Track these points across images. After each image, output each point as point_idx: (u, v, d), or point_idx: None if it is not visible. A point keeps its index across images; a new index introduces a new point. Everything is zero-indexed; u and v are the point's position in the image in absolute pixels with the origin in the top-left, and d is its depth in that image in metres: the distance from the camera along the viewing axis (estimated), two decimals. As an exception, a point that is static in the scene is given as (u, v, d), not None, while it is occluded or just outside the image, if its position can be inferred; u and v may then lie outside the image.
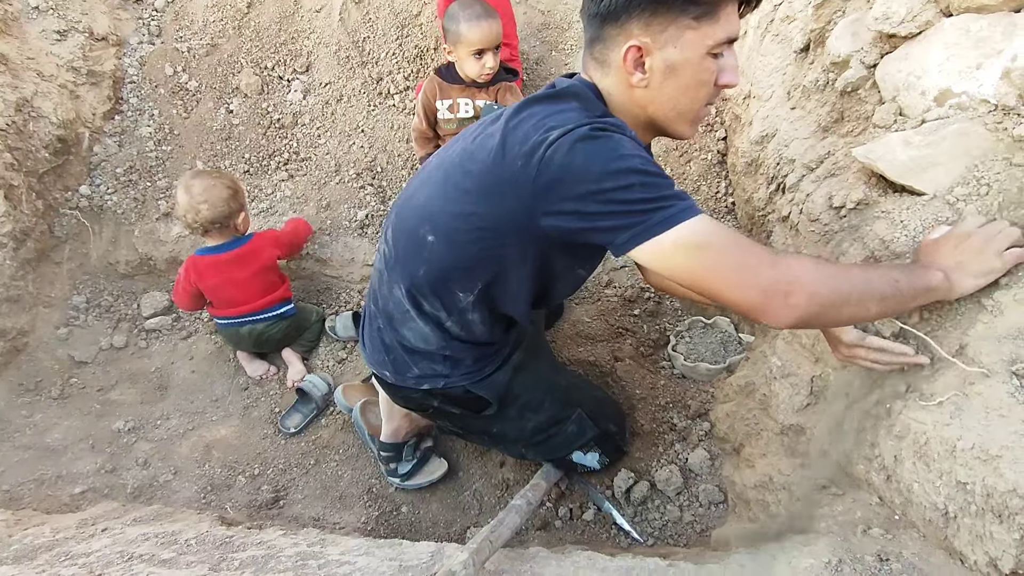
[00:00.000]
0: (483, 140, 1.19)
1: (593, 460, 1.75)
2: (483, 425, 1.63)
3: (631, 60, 1.14)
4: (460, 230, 1.22)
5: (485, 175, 1.15)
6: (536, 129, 1.09)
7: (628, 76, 1.16)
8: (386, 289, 1.41)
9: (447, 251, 1.26)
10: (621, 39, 1.14)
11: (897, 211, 1.27)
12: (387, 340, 1.47)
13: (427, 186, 1.30)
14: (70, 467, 2.01)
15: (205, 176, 2.14)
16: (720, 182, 2.37)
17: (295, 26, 2.78)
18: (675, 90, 1.17)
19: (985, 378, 1.04)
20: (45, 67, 2.46)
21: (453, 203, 1.22)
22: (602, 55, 1.19)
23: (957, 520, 1.01)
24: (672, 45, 1.12)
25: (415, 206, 1.31)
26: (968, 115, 1.27)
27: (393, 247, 1.37)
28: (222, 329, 2.30)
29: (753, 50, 2.07)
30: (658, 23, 1.10)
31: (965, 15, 1.34)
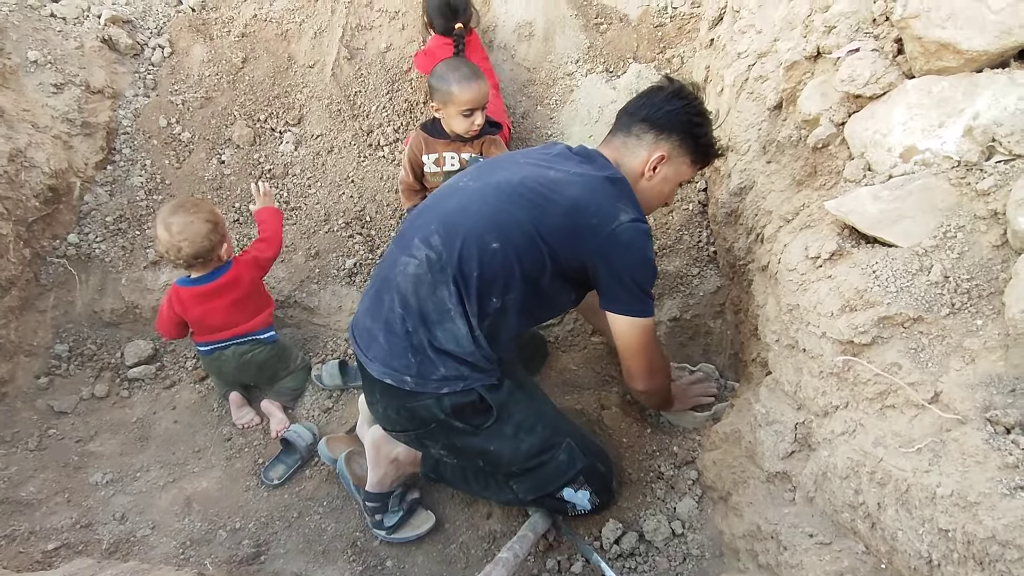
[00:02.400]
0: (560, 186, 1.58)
1: (584, 499, 1.73)
2: (480, 444, 1.65)
3: (656, 161, 1.68)
4: (524, 245, 1.53)
5: (565, 215, 1.54)
6: (614, 204, 1.57)
7: (644, 170, 1.70)
8: (426, 291, 1.55)
9: (505, 259, 1.53)
10: (654, 146, 1.69)
11: (870, 262, 1.31)
12: (416, 342, 1.56)
13: (488, 203, 1.57)
14: (44, 522, 1.95)
15: (182, 212, 2.08)
16: (702, 231, 2.43)
17: (288, 80, 2.86)
18: (658, 191, 1.75)
19: (960, 424, 1.06)
20: (40, 118, 2.50)
21: (524, 223, 1.53)
22: (634, 148, 1.70)
23: (941, 568, 1.01)
24: (674, 168, 1.73)
25: (478, 217, 1.55)
26: (932, 171, 1.33)
27: (445, 251, 1.54)
28: (206, 356, 2.28)
29: (730, 107, 2.17)
30: (679, 151, 1.71)
31: (927, 77, 1.43)
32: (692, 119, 1.69)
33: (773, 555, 1.44)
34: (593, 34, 2.84)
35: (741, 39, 2.15)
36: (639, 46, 2.79)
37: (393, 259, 1.63)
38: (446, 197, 1.66)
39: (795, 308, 1.49)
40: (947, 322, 1.19)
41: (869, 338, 1.26)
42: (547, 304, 1.71)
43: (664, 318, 2.40)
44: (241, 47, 2.88)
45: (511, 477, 1.73)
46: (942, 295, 1.21)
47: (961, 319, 1.19)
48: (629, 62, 2.76)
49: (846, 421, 1.32)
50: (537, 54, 2.86)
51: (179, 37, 2.91)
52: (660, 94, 1.70)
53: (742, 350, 2.08)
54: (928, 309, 1.21)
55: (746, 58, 2.09)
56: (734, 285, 2.19)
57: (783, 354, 1.59)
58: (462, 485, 1.87)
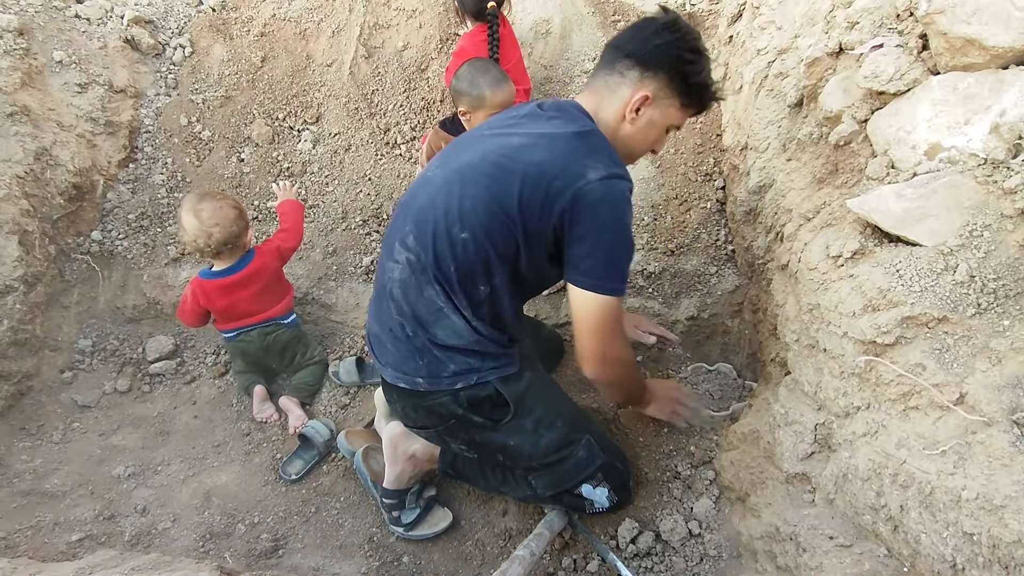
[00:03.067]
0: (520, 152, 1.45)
1: (603, 496, 1.71)
2: (501, 439, 1.65)
3: (638, 103, 1.50)
4: (493, 227, 1.44)
5: (528, 183, 1.41)
6: (581, 161, 1.40)
7: (626, 112, 1.51)
8: (414, 293, 1.53)
9: (477, 247, 1.46)
10: (639, 85, 1.49)
11: (893, 261, 1.29)
12: (419, 344, 1.55)
13: (451, 193, 1.48)
14: (68, 513, 1.99)
15: (210, 199, 2.14)
16: (720, 230, 2.41)
17: (307, 79, 2.88)
18: (642, 137, 1.57)
19: (986, 427, 1.04)
20: (65, 117, 2.54)
21: (486, 203, 1.44)
22: (617, 85, 1.52)
23: (965, 572, 1.00)
24: (660, 110, 1.53)
25: (444, 210, 1.48)
26: (958, 168, 1.31)
27: (422, 251, 1.51)
28: (230, 342, 2.33)
29: (749, 104, 2.14)
30: (666, 91, 1.50)
31: (952, 73, 1.40)
32: (683, 55, 1.48)
33: (792, 557, 1.43)
34: (610, 32, 2.83)
35: (761, 35, 2.13)
36: (657, 43, 2.76)
37: (383, 266, 1.63)
38: (417, 192, 1.59)
39: (816, 307, 1.47)
40: (973, 322, 1.17)
41: (892, 338, 1.24)
42: (538, 279, 1.61)
43: (682, 317, 2.39)
44: (260, 46, 2.91)
45: (530, 472, 1.73)
46: (968, 295, 1.19)
47: (987, 319, 1.17)
48: (647, 59, 2.74)
49: (868, 422, 1.30)
50: (554, 52, 2.85)
51: (199, 37, 2.94)
52: (650, 26, 1.50)
53: (760, 350, 2.06)
54: (953, 309, 1.19)
55: (766, 55, 2.06)
56: (753, 284, 2.17)
57: (803, 354, 1.57)
58: (480, 481, 1.87)
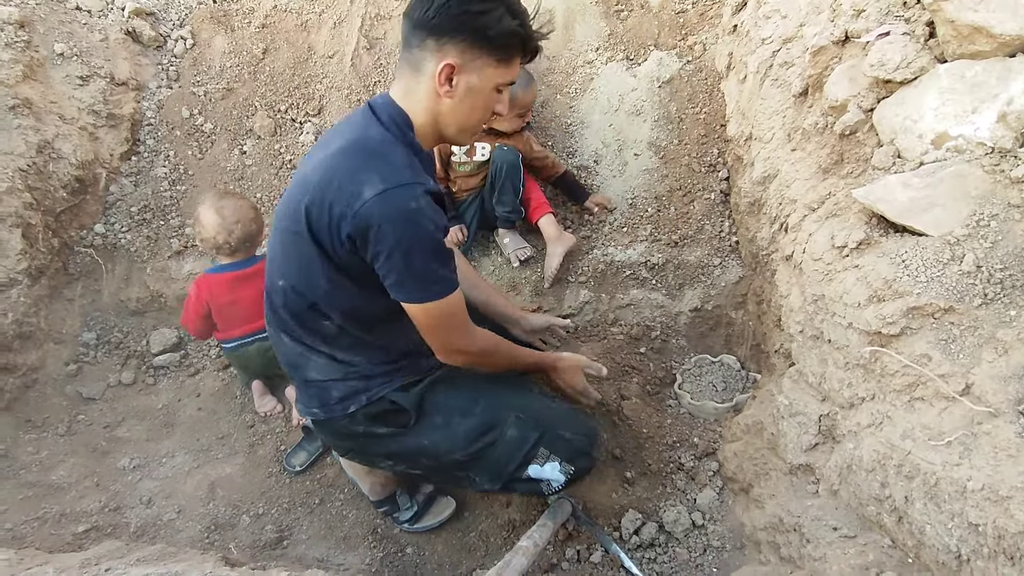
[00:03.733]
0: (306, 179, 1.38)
1: (555, 471, 1.56)
2: (414, 441, 1.56)
3: (444, 75, 1.34)
4: (301, 269, 1.42)
5: (313, 215, 1.34)
6: (358, 179, 1.30)
7: (437, 87, 1.36)
8: (277, 342, 1.57)
9: (296, 292, 1.45)
10: (439, 55, 1.33)
11: (899, 251, 1.29)
12: (301, 380, 1.58)
13: (274, 238, 1.49)
14: (74, 505, 2.00)
15: (231, 197, 2.20)
16: (724, 221, 2.40)
17: (308, 71, 2.87)
18: (468, 108, 1.40)
19: (992, 417, 1.04)
20: (67, 110, 2.54)
21: (288, 246, 1.43)
22: (418, 62, 1.37)
23: (970, 563, 1.00)
24: (475, 74, 1.36)
25: (271, 261, 1.52)
26: (965, 157, 1.30)
27: (267, 302, 1.55)
28: (230, 353, 2.30)
29: (753, 94, 2.13)
30: (471, 54, 1.33)
31: (959, 61, 1.39)
32: (470, 8, 1.29)
33: (796, 548, 1.43)
34: (613, 21, 2.81)
35: (766, 24, 2.11)
36: (660, 33, 2.74)
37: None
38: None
39: (820, 298, 1.47)
40: (979, 313, 1.17)
41: (898, 329, 1.24)
42: (379, 309, 1.47)
43: (685, 308, 2.38)
44: (261, 38, 2.89)
45: (465, 468, 1.59)
46: (974, 285, 1.18)
47: (994, 310, 1.16)
48: (650, 49, 2.72)
49: (873, 413, 1.30)
50: (556, 42, 2.83)
51: (201, 29, 2.93)
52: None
53: (764, 341, 2.06)
54: (960, 299, 1.18)
55: (771, 44, 2.04)
56: (757, 275, 2.16)
57: (807, 345, 1.57)
58: (436, 483, 1.89)
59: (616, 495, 1.87)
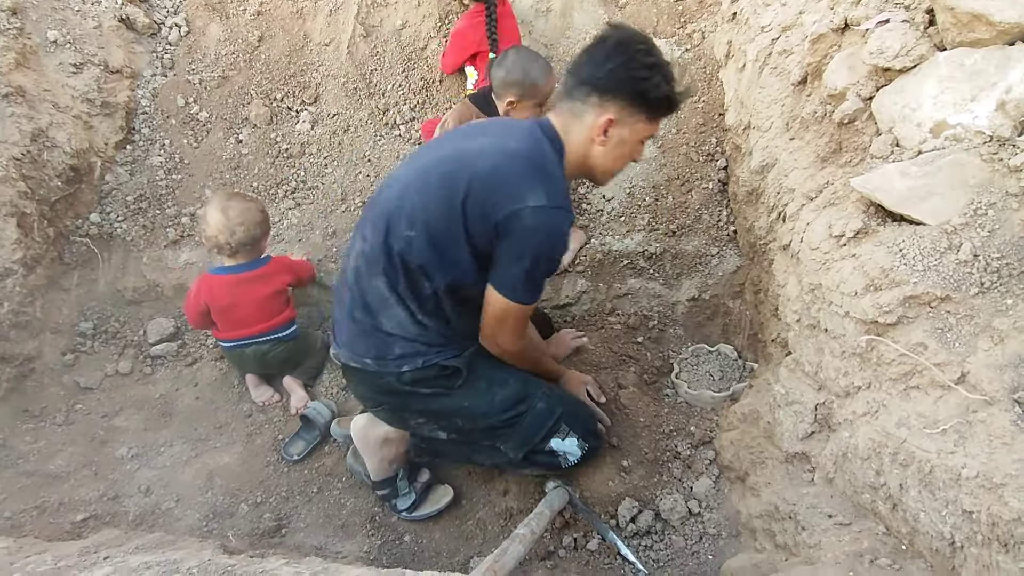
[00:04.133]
0: (475, 159, 1.51)
1: (573, 446, 1.73)
2: (455, 403, 1.68)
3: (603, 127, 1.54)
4: (438, 228, 1.51)
5: (473, 189, 1.47)
6: (519, 186, 1.47)
7: (594, 135, 1.56)
8: (366, 281, 1.60)
9: (421, 246, 1.51)
10: (600, 110, 1.54)
11: (896, 240, 1.28)
12: (367, 327, 1.62)
13: (408, 190, 1.55)
14: (72, 494, 2.00)
15: (240, 199, 2.20)
16: (721, 211, 2.39)
17: (304, 59, 2.85)
18: (615, 155, 1.61)
19: (987, 405, 1.04)
20: (61, 98, 2.51)
21: (435, 206, 1.50)
22: (580, 112, 1.56)
23: (964, 550, 1.00)
24: (628, 128, 1.56)
25: (398, 206, 1.55)
26: (963, 146, 1.29)
27: (375, 243, 1.57)
28: (227, 352, 2.31)
29: (752, 82, 2.12)
30: (628, 111, 1.54)
31: (959, 49, 1.38)
32: (636, 75, 1.49)
33: (791, 535, 1.44)
34: (612, 9, 2.79)
35: (765, 12, 2.09)
36: (659, 21, 2.73)
37: (347, 252, 1.71)
38: (384, 188, 1.66)
39: (817, 287, 1.47)
40: (976, 302, 1.17)
41: (894, 318, 1.24)
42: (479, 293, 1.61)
43: (683, 298, 2.38)
44: (257, 25, 2.87)
45: (495, 436, 1.73)
46: (971, 274, 1.18)
47: (990, 299, 1.16)
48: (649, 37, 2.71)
49: (868, 402, 1.31)
50: (555, 30, 2.81)
51: (195, 16, 2.90)
52: (601, 49, 1.53)
53: (761, 330, 2.06)
54: (956, 288, 1.18)
55: (770, 32, 2.03)
56: (754, 265, 2.16)
57: (804, 334, 1.57)
58: (452, 455, 1.89)
59: (613, 483, 1.88)
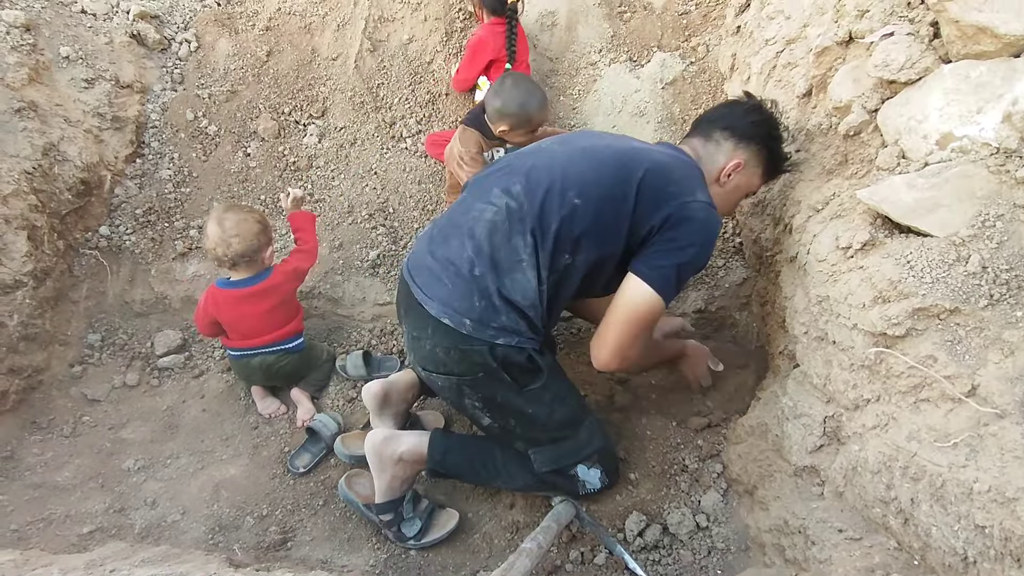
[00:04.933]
0: (647, 152, 1.69)
1: (595, 477, 1.77)
2: (521, 404, 1.68)
3: (732, 168, 1.74)
4: (605, 204, 1.57)
5: (649, 176, 1.59)
6: (696, 181, 1.65)
7: (720, 176, 1.75)
8: (501, 238, 1.60)
9: (584, 215, 1.57)
10: (733, 154, 1.75)
11: (904, 252, 1.28)
12: (483, 286, 1.60)
13: (574, 163, 1.64)
14: (79, 506, 2.01)
15: (237, 210, 2.18)
16: (727, 222, 2.39)
17: (312, 73, 2.88)
18: (727, 200, 1.81)
19: (999, 419, 1.03)
20: (72, 113, 2.55)
21: (610, 181, 1.59)
22: (713, 152, 1.76)
23: (977, 565, 0.99)
24: (747, 177, 1.78)
25: (564, 174, 1.61)
26: (970, 158, 1.29)
27: (527, 201, 1.59)
28: (234, 360, 2.31)
29: (758, 95, 2.12)
30: (755, 161, 1.76)
31: (964, 61, 1.38)
32: (772, 132, 1.76)
33: (801, 550, 1.42)
34: (616, 23, 2.81)
35: (769, 25, 2.11)
36: (663, 34, 2.75)
37: (467, 206, 1.68)
38: (530, 155, 1.72)
39: (825, 299, 1.46)
40: (985, 314, 1.16)
41: (903, 330, 1.23)
42: (604, 276, 1.67)
43: (689, 310, 2.38)
44: (265, 40, 2.90)
45: (535, 445, 1.75)
46: (980, 286, 1.18)
47: (1000, 311, 1.15)
48: (653, 51, 2.72)
49: (878, 415, 1.30)
50: (560, 44, 2.84)
51: (205, 31, 2.94)
52: (740, 106, 1.79)
53: (769, 342, 2.05)
54: (965, 300, 1.18)
55: (774, 45, 2.04)
56: (760, 276, 2.16)
57: (812, 346, 1.56)
58: (470, 476, 1.87)
59: (620, 497, 1.87)
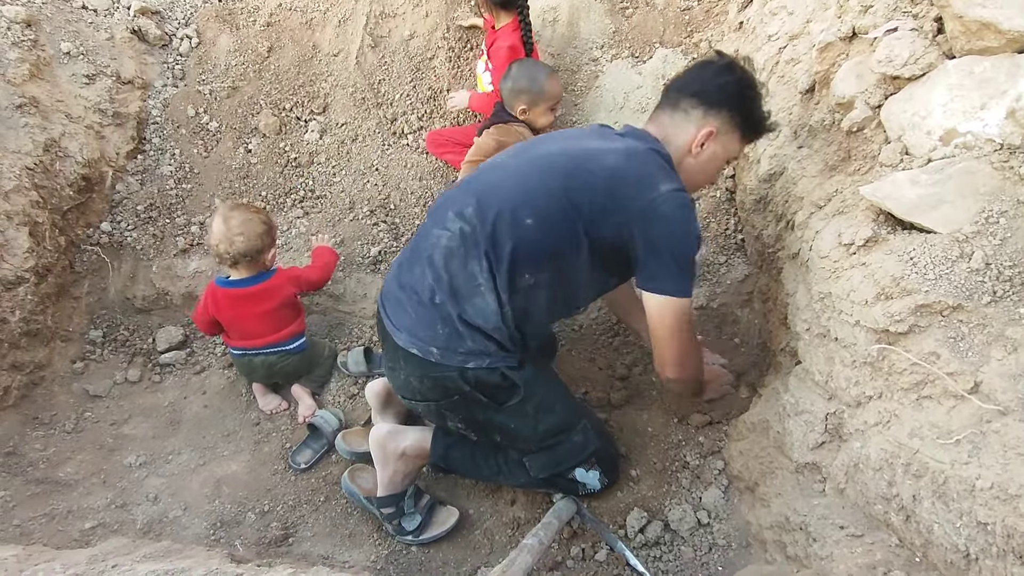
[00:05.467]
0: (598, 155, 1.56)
1: (594, 479, 1.76)
2: (502, 420, 1.67)
3: (704, 137, 1.61)
4: (559, 219, 1.51)
5: (602, 183, 1.51)
6: (654, 174, 1.52)
7: (692, 147, 1.62)
8: (458, 264, 1.56)
9: (539, 234, 1.51)
10: (703, 122, 1.61)
11: (907, 248, 1.28)
12: (444, 313, 1.57)
13: (524, 178, 1.57)
14: (81, 502, 2.01)
15: (243, 209, 2.18)
16: (729, 219, 2.39)
17: (313, 69, 2.87)
18: (704, 171, 1.69)
19: (1001, 415, 1.03)
20: (73, 109, 2.55)
21: (560, 195, 1.51)
22: (681, 123, 1.63)
23: (979, 562, 0.99)
24: (722, 144, 1.65)
25: (513, 192, 1.55)
26: (974, 154, 1.29)
27: (479, 224, 1.54)
28: (236, 359, 2.32)
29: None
30: (728, 127, 1.63)
31: (968, 57, 1.38)
32: (744, 92, 1.62)
33: (802, 547, 1.42)
34: (618, 18, 2.80)
35: (772, 21, 2.10)
36: (665, 30, 2.74)
37: (426, 232, 1.64)
38: (485, 172, 1.67)
39: (827, 296, 1.46)
40: (988, 310, 1.16)
41: (905, 327, 1.23)
42: (581, 286, 1.65)
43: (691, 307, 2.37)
44: (267, 36, 2.90)
45: (526, 454, 1.75)
46: (983, 283, 1.17)
47: (1003, 307, 1.15)
48: (655, 47, 2.72)
49: (880, 412, 1.29)
50: (562, 39, 2.83)
51: (206, 27, 2.94)
52: (710, 68, 1.64)
53: (770, 339, 2.05)
54: (968, 297, 1.17)
55: (777, 40, 2.04)
56: (763, 273, 2.16)
57: (814, 343, 1.56)
58: (473, 472, 1.87)
59: (621, 493, 1.87)
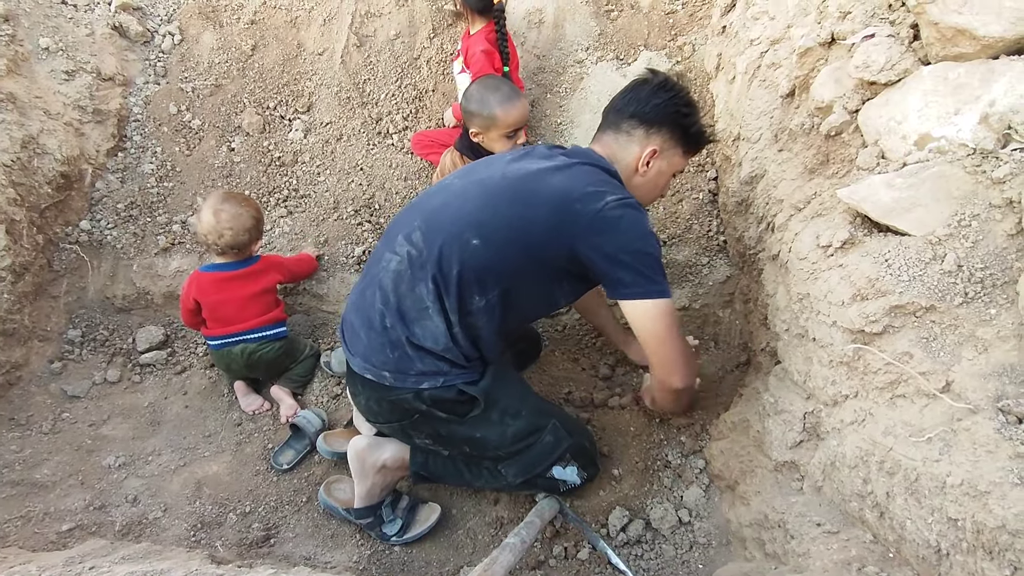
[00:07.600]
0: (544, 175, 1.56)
1: (573, 474, 1.77)
2: (467, 431, 1.68)
3: (648, 157, 1.66)
4: (506, 240, 1.51)
5: (548, 203, 1.50)
6: (600, 189, 1.52)
7: (638, 166, 1.67)
8: (406, 287, 1.57)
9: (486, 256, 1.51)
10: (645, 142, 1.66)
11: (882, 251, 1.30)
12: (394, 337, 1.59)
13: (469, 200, 1.56)
14: (58, 503, 1.98)
15: (233, 202, 2.18)
16: (711, 221, 2.41)
17: (297, 68, 2.86)
18: (652, 187, 1.73)
19: (972, 414, 1.05)
20: (52, 105, 2.51)
21: (506, 217, 1.51)
22: (625, 144, 1.68)
23: (950, 557, 1.01)
24: (667, 161, 1.70)
25: (459, 215, 1.55)
26: (948, 158, 1.31)
27: (425, 248, 1.55)
28: (215, 351, 2.29)
29: (741, 94, 2.14)
30: (670, 144, 1.68)
31: (943, 63, 1.40)
32: (680, 110, 1.66)
33: (780, 544, 1.44)
34: (604, 21, 2.82)
35: (754, 26, 2.12)
36: (650, 33, 2.76)
37: (378, 256, 1.66)
38: (432, 195, 1.67)
39: (805, 297, 1.48)
40: (960, 311, 1.18)
41: (880, 327, 1.25)
42: (536, 301, 1.66)
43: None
44: (250, 34, 2.88)
45: (499, 461, 1.76)
46: (955, 284, 1.20)
47: (974, 308, 1.17)
48: (640, 49, 2.74)
49: (856, 410, 1.32)
50: (547, 41, 2.84)
51: (189, 24, 2.91)
52: (645, 88, 1.67)
53: (751, 339, 2.07)
54: (941, 298, 1.20)
55: (759, 45, 2.06)
56: (744, 274, 2.18)
57: (792, 343, 1.58)
58: (453, 478, 1.86)
59: (603, 492, 1.88)
